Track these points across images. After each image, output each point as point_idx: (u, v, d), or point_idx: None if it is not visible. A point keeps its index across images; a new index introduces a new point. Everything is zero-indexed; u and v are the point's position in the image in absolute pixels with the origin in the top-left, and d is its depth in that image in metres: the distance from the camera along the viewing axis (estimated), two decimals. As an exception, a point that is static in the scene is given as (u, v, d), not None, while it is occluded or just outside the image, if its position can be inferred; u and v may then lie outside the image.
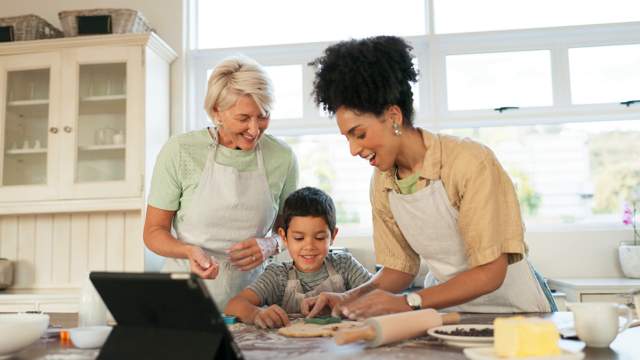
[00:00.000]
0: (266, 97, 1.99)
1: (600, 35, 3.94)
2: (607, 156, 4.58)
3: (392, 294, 1.67)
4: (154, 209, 2.15)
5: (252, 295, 1.95)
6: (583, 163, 4.64)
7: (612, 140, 4.53)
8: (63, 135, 3.70)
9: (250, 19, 4.35)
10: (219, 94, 1.99)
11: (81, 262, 3.97)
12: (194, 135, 2.16)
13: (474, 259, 1.70)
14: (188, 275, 1.11)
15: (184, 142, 2.12)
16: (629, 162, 4.46)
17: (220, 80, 1.99)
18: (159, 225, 2.15)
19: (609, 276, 3.67)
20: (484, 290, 1.70)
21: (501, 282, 1.72)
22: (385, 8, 4.21)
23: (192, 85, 4.20)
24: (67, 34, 3.85)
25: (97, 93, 3.97)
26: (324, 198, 2.02)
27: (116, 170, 3.96)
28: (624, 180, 4.49)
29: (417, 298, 1.65)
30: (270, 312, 1.67)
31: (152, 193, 2.15)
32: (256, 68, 2.01)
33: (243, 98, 1.97)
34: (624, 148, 4.51)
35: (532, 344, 1.08)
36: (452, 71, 4.07)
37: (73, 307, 3.43)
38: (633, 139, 4.46)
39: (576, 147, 4.72)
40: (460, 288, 1.69)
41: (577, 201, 4.60)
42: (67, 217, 4.00)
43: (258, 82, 1.97)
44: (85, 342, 1.40)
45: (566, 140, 4.81)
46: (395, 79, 1.65)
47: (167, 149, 2.12)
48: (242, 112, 1.98)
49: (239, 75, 1.97)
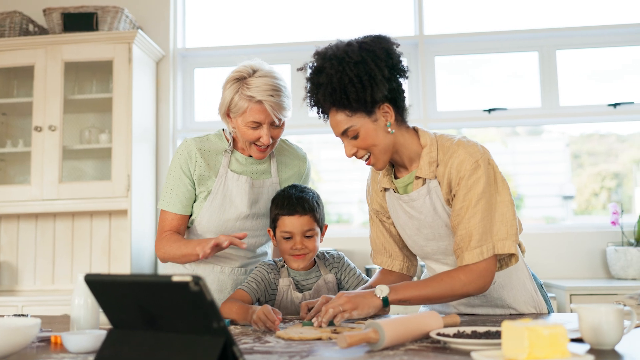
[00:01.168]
0: (279, 104, 1.93)
1: (588, 37, 3.96)
2: (586, 158, 4.63)
3: (354, 292, 1.65)
4: (168, 214, 2.05)
5: (244, 296, 1.92)
6: (564, 165, 4.68)
7: (591, 143, 4.57)
8: (47, 134, 3.63)
9: (238, 17, 4.31)
10: (232, 99, 1.94)
11: (65, 264, 3.90)
12: (210, 140, 2.09)
13: (461, 258, 1.67)
14: (190, 278, 1.07)
15: (200, 147, 2.05)
16: (608, 164, 4.51)
17: (234, 85, 1.94)
18: (174, 231, 2.04)
19: (597, 277, 3.69)
20: (462, 291, 1.66)
21: (485, 285, 1.67)
22: (375, 8, 4.20)
23: (179, 84, 4.16)
24: (52, 30, 3.78)
25: (83, 91, 3.90)
26: (311, 195, 1.99)
27: (102, 170, 3.90)
28: (604, 182, 4.54)
29: (384, 289, 1.62)
30: (261, 316, 1.64)
31: (165, 197, 2.05)
32: (271, 74, 1.94)
33: (254, 105, 1.91)
34: (603, 150, 4.56)
35: (541, 346, 1.06)
36: (441, 72, 4.07)
37: (57, 310, 3.37)
38: (612, 142, 4.51)
39: (558, 149, 4.76)
40: (436, 285, 1.66)
41: (559, 202, 4.63)
42: (51, 217, 3.93)
43: (271, 88, 1.91)
44: (78, 346, 1.36)
45: (548, 142, 4.85)
46: (382, 77, 1.64)
47: (184, 151, 2.04)
48: (254, 120, 1.92)
49: (252, 82, 1.91)
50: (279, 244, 1.98)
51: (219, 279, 2.11)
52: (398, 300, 1.64)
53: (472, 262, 1.65)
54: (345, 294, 1.62)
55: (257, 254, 2.19)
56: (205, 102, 4.19)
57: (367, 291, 1.65)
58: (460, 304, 1.89)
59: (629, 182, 4.39)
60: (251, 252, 2.14)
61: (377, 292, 1.63)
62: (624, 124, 4.21)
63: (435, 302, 1.75)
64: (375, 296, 1.62)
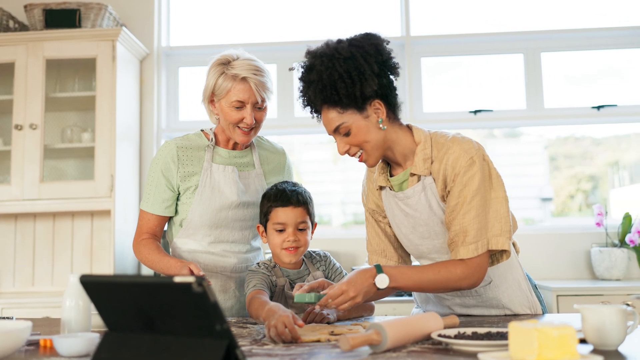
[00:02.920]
0: (263, 83, 1.97)
1: (573, 40, 4.00)
2: (563, 161, 4.68)
3: (354, 276, 1.61)
4: (147, 215, 2.07)
5: (265, 295, 1.87)
6: (542, 167, 4.72)
7: (567, 146, 4.63)
8: (28, 133, 3.55)
9: (223, 16, 4.26)
10: (215, 82, 1.98)
11: (46, 265, 3.81)
12: (189, 138, 2.10)
13: (456, 252, 1.66)
14: (193, 279, 1.04)
15: (181, 145, 2.06)
16: (584, 166, 4.57)
17: (218, 69, 1.98)
18: (151, 232, 2.07)
19: (581, 278, 3.71)
20: (456, 285, 1.66)
21: (478, 281, 1.68)
22: (361, 9, 4.19)
23: (164, 83, 4.09)
24: (33, 27, 3.69)
25: (64, 89, 3.82)
26: (303, 189, 1.98)
27: (84, 170, 3.82)
28: (579, 185, 4.59)
29: (385, 280, 1.60)
30: (281, 328, 1.45)
31: (146, 198, 2.08)
32: (254, 59, 2.01)
33: (238, 84, 1.95)
34: (579, 153, 4.62)
35: (551, 348, 1.05)
36: (427, 73, 4.07)
37: (37, 312, 3.29)
38: (587, 145, 4.57)
39: (536, 152, 4.81)
40: (432, 275, 1.65)
41: (538, 204, 4.67)
42: (31, 217, 3.84)
43: (254, 68, 1.96)
44: (71, 350, 1.31)
45: (526, 145, 4.89)
46: (371, 72, 1.65)
47: (164, 152, 2.05)
48: (238, 99, 1.95)
49: (236, 63, 1.97)
50: (270, 239, 1.94)
51: (222, 279, 2.08)
52: (395, 287, 1.63)
53: (468, 257, 1.65)
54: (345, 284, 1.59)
55: (254, 247, 2.16)
56: (189, 101, 4.14)
57: (365, 276, 1.61)
58: (455, 305, 1.88)
59: (604, 184, 4.44)
60: (246, 244, 2.12)
61: (377, 283, 1.60)
62: (606, 126, 4.26)
63: (427, 292, 1.76)
64: (373, 285, 1.60)
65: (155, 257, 1.99)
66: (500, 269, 1.83)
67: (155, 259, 1.99)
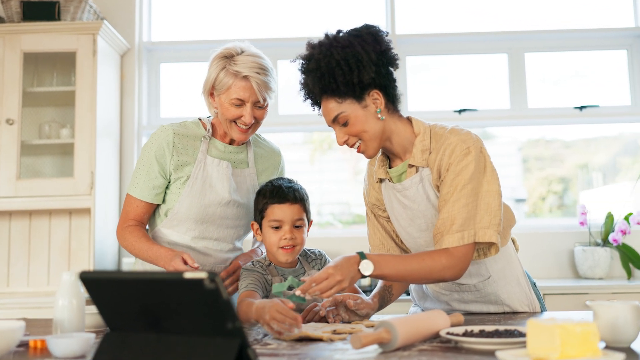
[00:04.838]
0: (265, 83, 1.90)
1: (556, 40, 4.02)
2: (534, 163, 4.73)
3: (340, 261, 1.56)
4: (135, 201, 1.98)
5: (256, 296, 1.81)
6: (516, 168, 4.76)
7: (538, 148, 4.68)
8: (4, 128, 3.43)
9: (205, 12, 4.18)
10: (217, 76, 1.91)
11: (21, 265, 3.69)
12: (187, 126, 2.02)
13: (441, 241, 1.63)
14: (205, 274, 0.99)
15: (178, 132, 1.98)
16: (554, 168, 4.62)
17: (220, 62, 1.91)
18: (137, 219, 1.99)
19: (565, 277, 3.73)
20: (440, 275, 1.62)
21: (461, 272, 1.64)
22: (346, 7, 4.16)
23: (145, 79, 4.00)
24: (10, 19, 3.57)
25: (42, 84, 3.70)
26: (299, 186, 1.96)
27: (62, 167, 3.71)
28: (550, 186, 4.64)
29: (369, 266, 1.55)
30: (276, 315, 1.43)
31: (135, 183, 1.98)
32: (259, 55, 1.94)
33: (240, 81, 1.89)
34: (549, 155, 4.67)
35: (573, 345, 1.03)
36: (412, 72, 4.05)
37: (13, 313, 3.18)
38: (557, 147, 4.62)
39: (510, 153, 4.84)
40: (416, 264, 1.61)
41: (512, 205, 4.69)
42: (7, 216, 3.72)
43: (258, 66, 1.89)
44: (66, 351, 1.25)
45: (500, 147, 4.92)
46: (368, 59, 1.65)
47: (160, 137, 1.97)
48: (238, 97, 1.89)
49: (239, 59, 1.90)
50: (265, 237, 1.88)
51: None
52: (379, 275, 1.59)
53: (452, 246, 1.61)
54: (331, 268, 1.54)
55: (236, 247, 2.11)
56: (171, 97, 4.05)
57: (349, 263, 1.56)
58: (454, 300, 1.86)
59: (574, 186, 4.50)
60: (230, 244, 2.06)
61: (362, 269, 1.56)
62: (590, 126, 4.30)
63: (411, 282, 1.75)
64: (358, 272, 1.56)
65: (143, 246, 1.91)
66: (500, 264, 1.81)
67: (143, 247, 1.91)
